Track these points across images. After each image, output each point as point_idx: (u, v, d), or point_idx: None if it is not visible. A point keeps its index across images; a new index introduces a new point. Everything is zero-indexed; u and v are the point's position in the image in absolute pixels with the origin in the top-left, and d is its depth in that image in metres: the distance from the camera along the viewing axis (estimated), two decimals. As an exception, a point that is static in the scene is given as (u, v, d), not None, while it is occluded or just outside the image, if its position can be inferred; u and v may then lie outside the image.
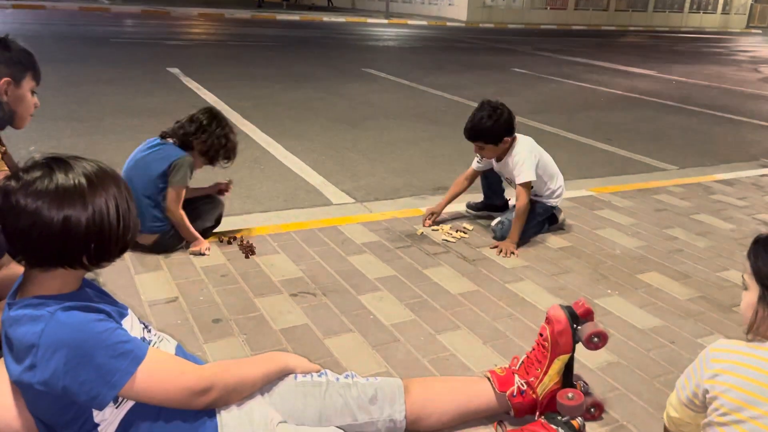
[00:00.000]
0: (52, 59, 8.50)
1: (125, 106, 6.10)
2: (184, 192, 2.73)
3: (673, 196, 4.02)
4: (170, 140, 2.77)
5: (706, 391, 1.25)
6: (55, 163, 1.24)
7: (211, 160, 2.82)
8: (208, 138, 2.75)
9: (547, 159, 3.22)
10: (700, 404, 1.29)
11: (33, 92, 2.11)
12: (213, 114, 2.81)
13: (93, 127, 5.31)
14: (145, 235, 2.73)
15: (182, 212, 2.74)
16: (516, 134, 3.13)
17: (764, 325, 1.26)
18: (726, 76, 11.86)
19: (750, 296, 1.30)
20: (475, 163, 3.34)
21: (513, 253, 2.97)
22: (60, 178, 1.21)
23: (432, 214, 3.30)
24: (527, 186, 3.05)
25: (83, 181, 1.23)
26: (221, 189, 3.05)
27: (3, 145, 2.04)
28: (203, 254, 2.78)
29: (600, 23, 27.42)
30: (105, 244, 1.26)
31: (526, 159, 3.06)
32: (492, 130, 3.01)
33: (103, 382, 1.21)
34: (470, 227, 3.30)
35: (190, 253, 2.79)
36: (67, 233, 1.20)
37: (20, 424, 1.38)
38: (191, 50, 11.32)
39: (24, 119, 2.13)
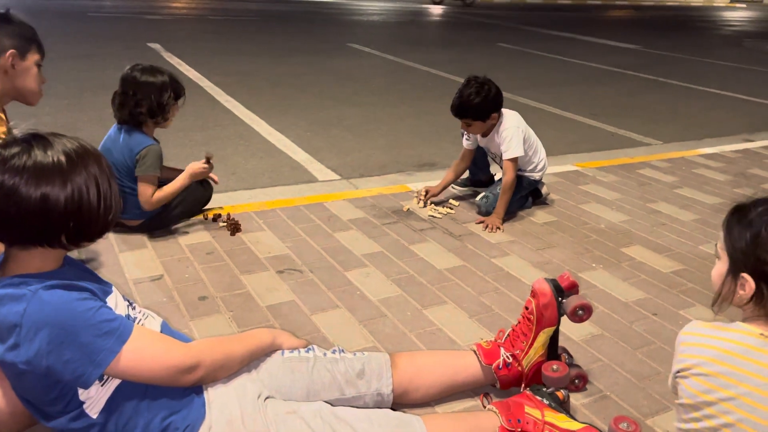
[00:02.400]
0: (28, 34, 8.29)
1: (105, 83, 5.97)
2: (155, 180, 2.65)
3: (657, 171, 4.05)
4: (128, 125, 2.65)
5: (678, 372, 1.25)
6: (34, 139, 1.21)
7: (164, 115, 2.64)
8: (144, 98, 2.58)
9: (531, 133, 3.22)
10: None
11: (39, 66, 2.08)
12: (132, 73, 2.61)
13: (72, 104, 5.21)
14: (130, 220, 2.71)
15: (157, 194, 2.65)
16: (502, 109, 3.12)
17: (731, 297, 1.24)
18: (710, 50, 11.88)
19: (721, 266, 1.28)
20: (465, 142, 3.32)
21: (499, 228, 2.98)
22: (38, 155, 1.19)
23: (427, 192, 3.27)
24: (514, 161, 3.05)
25: (62, 158, 1.21)
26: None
27: (8, 121, 2.02)
28: (206, 172, 2.74)
29: (586, -3, 27.23)
30: (85, 223, 1.24)
31: (514, 135, 3.05)
32: (480, 106, 3.00)
33: (88, 361, 1.20)
34: (456, 203, 3.30)
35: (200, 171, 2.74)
36: (45, 211, 1.18)
37: (5, 403, 1.38)
38: (172, 25, 11.10)
39: (35, 94, 2.12)
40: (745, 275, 1.21)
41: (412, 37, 11.67)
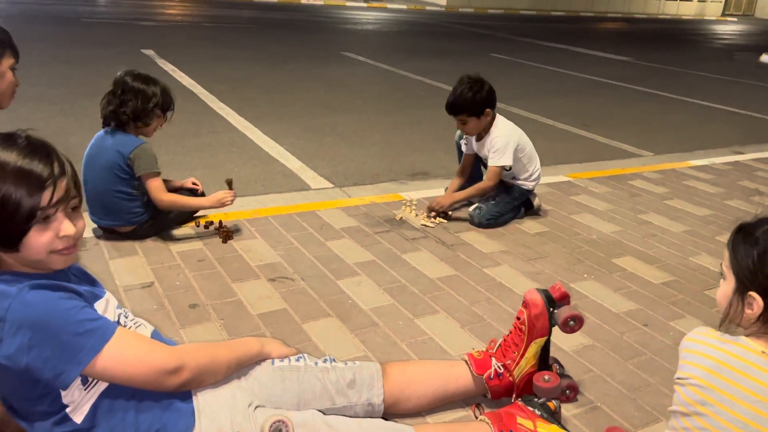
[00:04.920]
0: (20, 39, 8.23)
1: (98, 89, 5.89)
2: (159, 176, 2.66)
3: (648, 182, 4.08)
4: (112, 126, 2.64)
5: (678, 378, 1.25)
6: None
7: (145, 120, 2.63)
8: (130, 99, 2.57)
9: (526, 141, 3.24)
10: None
11: (13, 70, 2.09)
12: (125, 77, 2.62)
13: (64, 109, 5.19)
14: (121, 226, 2.70)
15: (170, 195, 2.68)
16: (497, 115, 3.15)
17: (738, 317, 1.23)
18: (702, 63, 12.00)
19: (726, 287, 1.26)
20: (464, 147, 3.35)
21: (443, 211, 3.07)
22: None
23: (435, 208, 3.20)
24: (499, 170, 3.08)
25: None
26: (193, 188, 2.96)
27: None
28: (231, 201, 2.74)
29: (579, 9, 27.51)
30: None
31: (506, 143, 3.08)
32: (473, 101, 3.03)
33: (67, 359, 1.19)
34: (450, 212, 3.30)
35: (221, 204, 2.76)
36: None
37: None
38: (166, 31, 11.10)
39: (7, 98, 2.12)
40: (752, 294, 1.20)
41: (406, 46, 11.73)
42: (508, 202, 3.17)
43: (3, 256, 1.24)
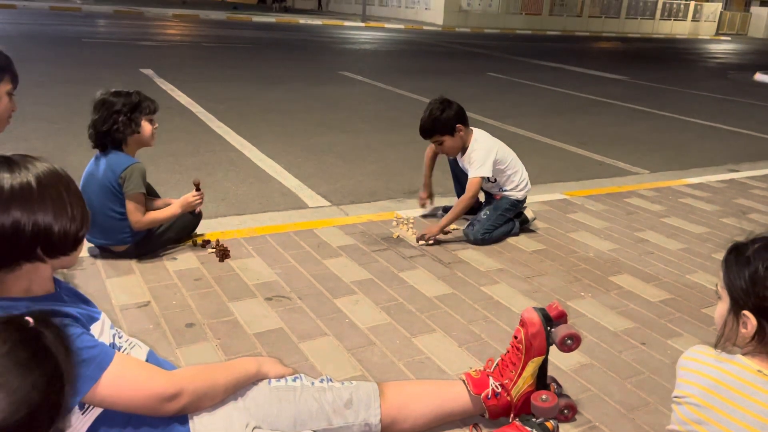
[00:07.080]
0: (21, 59, 8.29)
1: (97, 108, 5.98)
2: (143, 198, 2.66)
3: (644, 200, 4.09)
4: (107, 149, 2.66)
5: (675, 397, 1.25)
6: (3, 162, 1.22)
7: (138, 129, 2.64)
8: (117, 119, 2.59)
9: (507, 153, 3.28)
10: None
11: (10, 95, 2.10)
12: (100, 98, 2.65)
13: (63, 128, 5.21)
14: (116, 245, 2.69)
15: (147, 214, 2.67)
16: (473, 129, 3.22)
17: (734, 336, 1.23)
18: (696, 82, 12.11)
19: (722, 307, 1.27)
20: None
21: (433, 238, 3.06)
22: (6, 178, 1.19)
23: (429, 196, 3.44)
24: (479, 181, 3.14)
25: (32, 182, 1.20)
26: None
27: None
28: (200, 202, 2.81)
29: (574, 29, 27.80)
30: (54, 243, 1.24)
31: (485, 156, 3.15)
32: (443, 119, 3.11)
33: None
34: (449, 229, 3.30)
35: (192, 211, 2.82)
36: (14, 236, 1.18)
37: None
38: (165, 51, 11.19)
39: (1, 122, 2.12)
40: (746, 313, 1.21)
41: (403, 65, 11.83)
42: (501, 214, 3.19)
43: (2, 279, 1.23)
